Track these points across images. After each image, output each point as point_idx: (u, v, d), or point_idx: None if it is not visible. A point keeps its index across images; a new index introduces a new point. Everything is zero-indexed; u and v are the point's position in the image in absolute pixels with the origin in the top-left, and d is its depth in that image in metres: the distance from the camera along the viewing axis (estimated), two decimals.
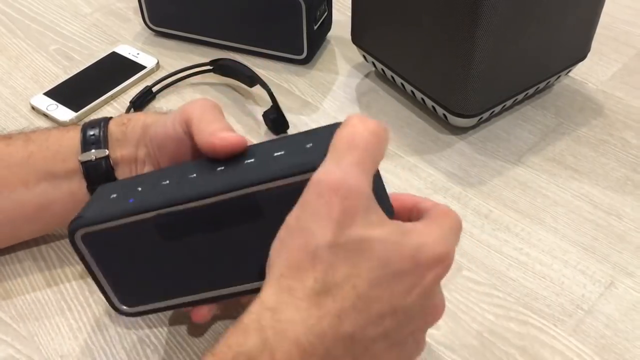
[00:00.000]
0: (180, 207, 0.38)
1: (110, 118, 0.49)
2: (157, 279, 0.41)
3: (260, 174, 0.37)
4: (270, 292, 0.33)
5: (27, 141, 0.48)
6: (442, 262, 0.35)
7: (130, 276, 0.42)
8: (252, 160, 0.39)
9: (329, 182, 0.33)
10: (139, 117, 0.48)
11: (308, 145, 0.38)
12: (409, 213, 0.39)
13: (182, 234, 0.39)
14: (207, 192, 0.38)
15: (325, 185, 0.33)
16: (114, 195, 0.41)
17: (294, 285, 0.33)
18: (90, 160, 0.46)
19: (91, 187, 0.47)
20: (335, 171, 0.33)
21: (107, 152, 0.46)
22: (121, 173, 0.47)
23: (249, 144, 0.40)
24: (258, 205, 0.38)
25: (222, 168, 0.39)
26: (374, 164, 0.35)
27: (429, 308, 0.36)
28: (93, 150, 0.46)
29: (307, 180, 0.35)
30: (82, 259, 0.41)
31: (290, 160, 0.37)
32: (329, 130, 0.37)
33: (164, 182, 0.40)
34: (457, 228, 0.37)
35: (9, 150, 0.47)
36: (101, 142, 0.47)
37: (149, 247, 0.40)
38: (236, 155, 0.40)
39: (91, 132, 0.47)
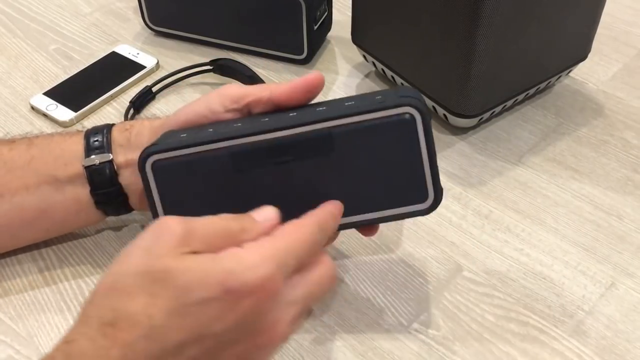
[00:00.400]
0: (258, 138, 0.40)
1: (113, 125, 0.49)
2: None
3: (336, 111, 0.40)
4: (74, 324, 0.33)
5: (30, 145, 0.47)
6: (259, 291, 0.33)
7: (190, 212, 0.41)
8: (324, 107, 0.41)
9: (169, 222, 0.34)
10: (143, 123, 0.48)
11: (377, 97, 0.41)
12: None
13: (255, 167, 0.40)
14: (285, 124, 0.40)
15: (166, 222, 0.34)
16: (184, 135, 0.42)
17: (91, 313, 0.33)
18: (94, 165, 0.46)
19: (94, 191, 0.46)
20: (173, 218, 0.34)
21: (110, 156, 0.46)
22: (125, 177, 0.47)
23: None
24: (332, 141, 0.40)
25: (295, 113, 0.41)
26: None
27: (257, 331, 0.34)
28: (96, 154, 0.46)
29: (380, 118, 0.39)
30: (147, 187, 0.41)
31: (363, 103, 0.40)
32: (395, 90, 0.42)
33: (235, 124, 0.42)
34: (294, 249, 0.35)
35: (12, 154, 0.47)
36: (105, 147, 0.46)
37: (217, 181, 0.40)
38: (306, 106, 0.43)
39: (94, 138, 0.47)
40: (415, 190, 0.41)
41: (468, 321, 0.48)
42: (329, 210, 0.39)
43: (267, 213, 0.37)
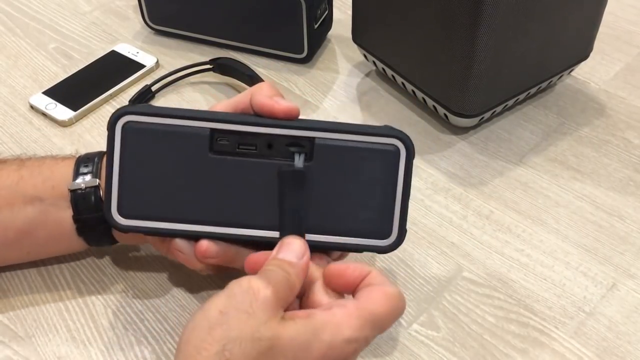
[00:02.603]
0: (244, 128, 0.40)
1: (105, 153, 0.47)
2: (173, 197, 0.40)
3: (326, 125, 0.40)
4: None
5: (20, 166, 0.47)
6: (350, 356, 0.36)
7: (146, 185, 0.40)
8: (316, 121, 0.42)
9: (256, 284, 0.36)
10: None
11: (370, 126, 0.41)
12: (353, 286, 0.39)
13: (231, 154, 0.40)
14: (272, 123, 0.40)
15: (253, 284, 0.36)
16: (163, 107, 0.41)
17: None
18: (80, 189, 0.45)
19: (77, 216, 0.45)
20: (263, 279, 0.36)
21: (97, 181, 0.45)
22: None
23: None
24: (312, 149, 0.40)
25: (285, 120, 0.41)
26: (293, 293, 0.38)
27: None
28: (83, 179, 0.45)
29: (367, 142, 0.39)
30: (110, 148, 0.40)
31: (354, 125, 0.40)
32: (384, 128, 0.41)
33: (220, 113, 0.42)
34: (383, 319, 0.37)
35: (1, 174, 0.46)
36: (94, 173, 0.45)
37: (184, 159, 0.40)
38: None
39: (85, 164, 0.46)
40: (380, 225, 0.41)
41: (468, 322, 0.47)
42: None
43: (297, 249, 0.39)
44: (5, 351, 0.46)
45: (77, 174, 0.46)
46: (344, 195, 0.40)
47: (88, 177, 0.45)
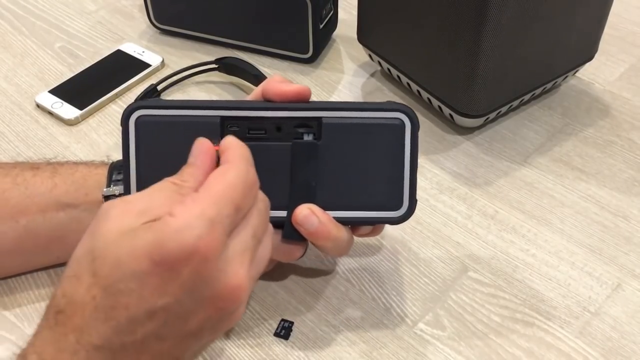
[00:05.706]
0: (253, 113, 0.41)
1: None
2: None
3: (331, 104, 0.41)
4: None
5: (54, 173, 0.47)
6: (193, 255, 0.30)
7: (162, 176, 0.40)
8: (321, 102, 0.44)
9: (108, 204, 0.34)
10: None
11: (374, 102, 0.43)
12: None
13: (242, 138, 0.40)
14: (281, 106, 0.41)
15: (104, 206, 0.34)
16: (172, 100, 0.42)
17: (49, 304, 0.33)
18: (114, 195, 0.45)
19: None
20: (116, 200, 0.34)
21: None
22: None
23: None
24: (320, 128, 0.41)
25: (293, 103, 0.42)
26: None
27: (213, 295, 0.32)
28: (117, 187, 0.45)
29: (372, 118, 0.40)
30: (125, 143, 0.41)
31: (359, 103, 0.42)
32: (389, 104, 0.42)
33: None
34: (225, 197, 0.32)
35: (35, 180, 0.47)
36: None
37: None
38: None
39: (118, 171, 0.47)
40: (391, 197, 0.42)
41: (473, 322, 0.47)
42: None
43: (200, 146, 0.36)
44: (13, 348, 0.46)
45: (110, 180, 0.46)
46: (354, 171, 0.42)
47: (121, 184, 0.45)
